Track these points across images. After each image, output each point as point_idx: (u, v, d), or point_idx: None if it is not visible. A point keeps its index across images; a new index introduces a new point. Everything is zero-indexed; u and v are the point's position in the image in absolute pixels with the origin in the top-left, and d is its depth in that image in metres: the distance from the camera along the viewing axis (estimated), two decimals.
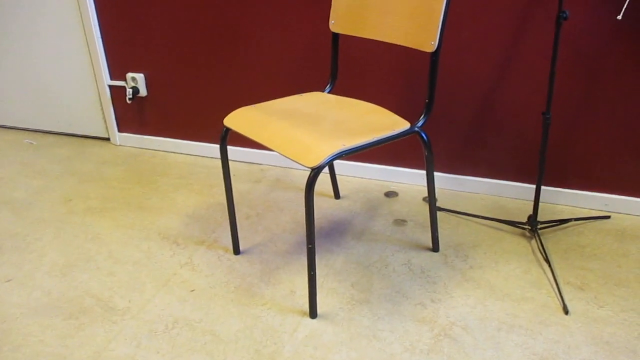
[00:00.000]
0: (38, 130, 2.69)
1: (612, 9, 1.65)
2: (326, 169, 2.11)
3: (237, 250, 1.74)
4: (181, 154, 2.44)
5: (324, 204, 2.00)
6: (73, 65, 2.44)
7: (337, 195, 2.04)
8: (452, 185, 2.08)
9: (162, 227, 1.88)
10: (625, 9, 1.60)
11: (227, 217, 1.91)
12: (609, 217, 1.88)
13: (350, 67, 2.01)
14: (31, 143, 2.58)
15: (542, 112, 1.63)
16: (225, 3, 2.08)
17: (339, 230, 1.85)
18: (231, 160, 2.35)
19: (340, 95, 1.71)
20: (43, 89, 2.55)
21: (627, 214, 1.90)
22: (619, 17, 1.40)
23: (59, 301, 1.54)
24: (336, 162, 2.18)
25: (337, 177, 2.18)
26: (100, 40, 2.33)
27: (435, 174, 2.08)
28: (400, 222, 1.89)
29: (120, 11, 2.24)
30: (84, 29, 2.33)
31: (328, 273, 1.64)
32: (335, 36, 1.71)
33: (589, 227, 1.83)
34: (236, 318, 1.47)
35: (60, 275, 1.65)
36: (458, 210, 1.94)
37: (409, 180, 2.12)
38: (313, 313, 1.47)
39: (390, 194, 2.06)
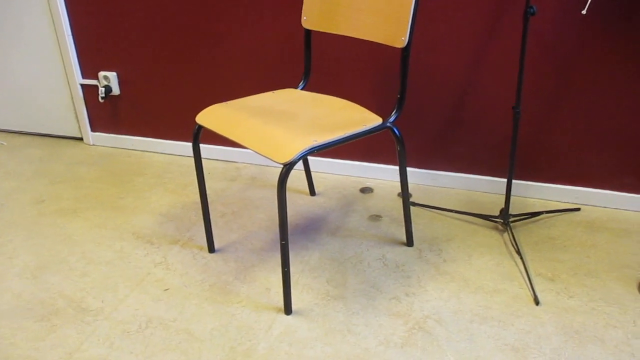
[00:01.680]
0: (9, 130, 2.65)
1: (578, 4, 1.68)
2: (301, 166, 2.12)
3: (212, 249, 1.73)
4: (156, 152, 2.42)
5: (299, 201, 2.00)
6: (44, 65, 2.40)
7: (312, 192, 2.05)
8: (426, 181, 2.09)
9: (136, 226, 1.87)
10: (590, 3, 1.63)
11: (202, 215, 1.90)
12: (579, 209, 1.92)
13: (323, 63, 2.02)
14: (2, 144, 2.53)
15: (512, 107, 1.65)
16: (197, 0, 2.06)
17: (314, 226, 1.85)
18: (207, 158, 2.34)
19: (314, 91, 1.71)
20: (14, 88, 2.51)
21: (596, 206, 1.93)
22: (584, 11, 1.43)
23: (30, 303, 1.52)
24: (312, 159, 2.18)
25: (313, 174, 2.19)
26: (71, 38, 2.30)
27: (410, 169, 2.10)
28: (375, 217, 1.90)
29: (91, 9, 2.21)
30: (55, 28, 2.30)
31: (303, 269, 1.64)
32: (308, 33, 1.71)
33: (559, 220, 1.86)
34: (211, 316, 1.47)
35: (31, 277, 1.62)
36: (432, 205, 1.96)
37: (385, 176, 2.14)
38: (288, 309, 1.47)
39: (365, 190, 2.07)
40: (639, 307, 1.47)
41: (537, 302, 1.49)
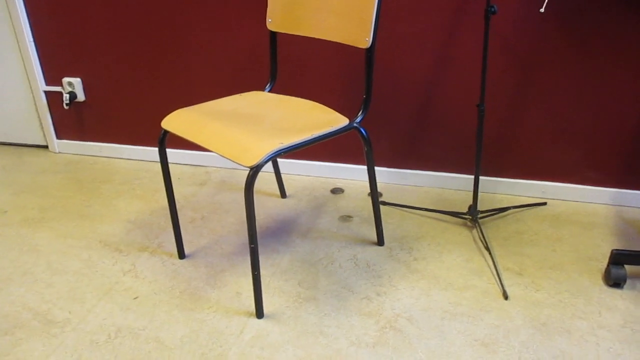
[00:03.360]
0: None
1: (537, 3, 1.71)
2: (271, 168, 2.11)
3: (181, 255, 1.71)
4: (124, 159, 2.38)
5: (269, 204, 1.99)
6: (5, 72, 2.34)
7: (283, 194, 2.04)
8: (396, 180, 2.11)
9: (103, 234, 1.83)
10: (547, 2, 1.66)
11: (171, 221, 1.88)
12: (545, 203, 1.95)
13: (290, 65, 2.01)
14: None
15: (476, 105, 1.67)
16: (161, 3, 2.04)
17: (285, 229, 1.85)
18: (176, 163, 2.32)
19: (281, 93, 1.71)
20: None
21: (562, 200, 1.97)
22: (542, 10, 1.46)
23: None
24: (282, 161, 2.18)
25: (283, 176, 2.18)
26: (33, 44, 2.25)
27: (379, 168, 2.11)
28: (346, 218, 1.90)
29: (52, 13, 2.17)
30: (15, 34, 2.24)
31: (274, 272, 1.63)
32: (273, 35, 1.71)
33: (526, 214, 1.90)
34: (181, 323, 1.45)
35: None
36: (402, 203, 1.98)
37: (355, 176, 2.14)
38: (259, 313, 1.46)
39: (336, 191, 2.08)
40: (604, 298, 1.50)
41: (505, 297, 1.51)
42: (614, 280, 1.53)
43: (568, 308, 1.47)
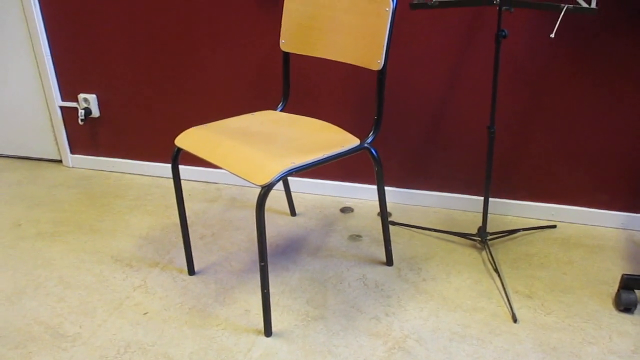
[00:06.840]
0: None
1: (547, 28, 1.73)
2: (281, 186, 2.13)
3: (191, 271, 1.72)
4: (136, 174, 2.41)
5: (279, 221, 2.01)
6: (22, 87, 2.39)
7: (292, 212, 2.05)
8: (405, 200, 2.12)
9: (115, 249, 1.85)
10: (558, 27, 1.68)
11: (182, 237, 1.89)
12: (555, 226, 1.95)
13: (302, 85, 2.04)
14: None
15: (487, 126, 1.69)
16: (176, 23, 2.08)
17: (295, 247, 1.86)
18: (187, 179, 2.34)
19: (293, 113, 1.73)
20: None
21: (571, 223, 1.97)
22: (552, 35, 1.48)
23: (5, 330, 1.49)
24: (292, 180, 2.19)
25: (293, 194, 2.20)
26: (50, 60, 2.30)
27: (389, 188, 2.12)
28: (355, 237, 1.91)
29: (70, 31, 2.22)
30: (34, 49, 2.29)
31: (283, 290, 1.64)
32: (286, 55, 1.73)
33: (536, 237, 1.89)
34: (190, 340, 1.46)
35: (7, 303, 1.60)
36: (411, 223, 1.98)
37: (365, 195, 2.15)
38: (268, 331, 1.47)
39: (345, 210, 2.09)
40: (614, 322, 1.50)
41: (514, 320, 1.51)
42: (624, 305, 1.52)
43: (578, 332, 1.46)
